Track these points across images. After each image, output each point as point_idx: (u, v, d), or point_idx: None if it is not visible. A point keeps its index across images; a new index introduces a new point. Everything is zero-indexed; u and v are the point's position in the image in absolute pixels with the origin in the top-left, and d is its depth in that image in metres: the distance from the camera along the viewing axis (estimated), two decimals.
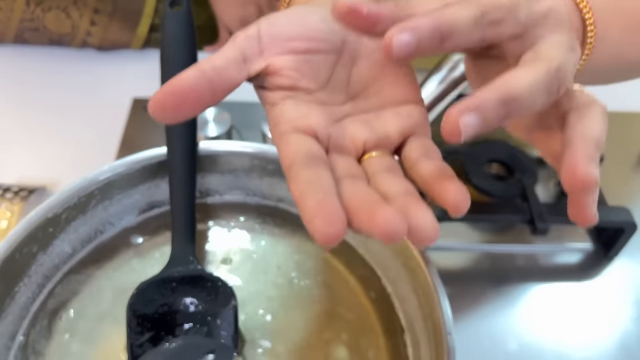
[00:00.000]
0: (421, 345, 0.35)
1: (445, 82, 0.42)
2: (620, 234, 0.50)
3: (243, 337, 0.36)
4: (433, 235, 0.22)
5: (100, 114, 0.61)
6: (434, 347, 0.33)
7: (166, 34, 0.38)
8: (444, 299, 0.33)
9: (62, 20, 0.63)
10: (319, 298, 0.39)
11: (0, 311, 0.34)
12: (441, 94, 0.42)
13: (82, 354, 0.35)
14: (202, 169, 0.40)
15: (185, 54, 0.39)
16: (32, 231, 0.35)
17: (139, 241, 0.40)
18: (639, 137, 0.63)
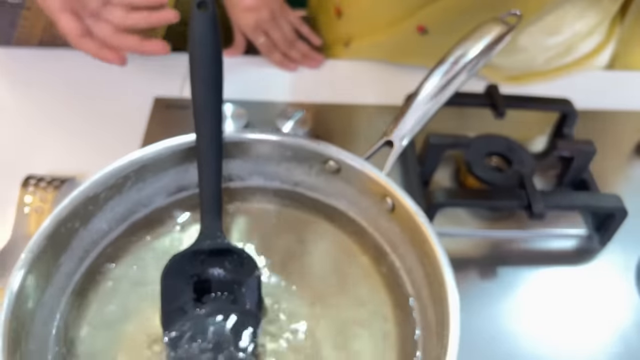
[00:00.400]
0: (427, 310, 0.39)
1: (447, 75, 0.45)
2: (611, 220, 0.54)
3: (265, 305, 0.40)
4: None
5: (123, 112, 0.65)
6: (439, 309, 0.37)
7: (193, 34, 0.42)
8: (447, 264, 0.36)
9: None
10: (334, 273, 0.43)
11: (47, 280, 0.38)
12: (443, 88, 0.46)
13: (119, 319, 0.39)
14: (225, 155, 0.44)
15: (211, 52, 0.42)
16: (75, 208, 0.39)
17: (170, 220, 0.44)
18: (631, 133, 0.66)
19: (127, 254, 0.42)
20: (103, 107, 0.65)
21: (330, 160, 0.44)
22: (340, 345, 0.39)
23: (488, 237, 0.56)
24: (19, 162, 0.57)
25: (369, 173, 0.42)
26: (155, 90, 0.67)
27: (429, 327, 0.38)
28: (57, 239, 0.38)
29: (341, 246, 0.45)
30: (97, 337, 0.38)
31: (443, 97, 0.46)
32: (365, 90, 0.70)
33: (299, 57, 0.73)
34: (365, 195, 0.43)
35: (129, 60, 0.71)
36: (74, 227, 0.39)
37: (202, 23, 0.42)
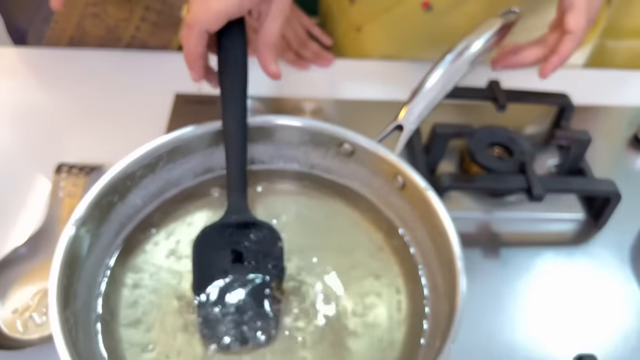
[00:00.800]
0: (436, 277, 0.42)
1: (452, 66, 0.49)
2: (607, 204, 0.57)
3: (287, 274, 0.44)
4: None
5: (147, 107, 0.69)
6: (447, 274, 0.40)
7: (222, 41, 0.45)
8: (454, 233, 0.40)
9: (121, 6, 0.72)
10: (350, 247, 0.47)
11: (90, 249, 0.41)
12: (448, 77, 0.50)
13: (153, 288, 0.43)
14: (249, 140, 0.48)
15: (239, 56, 0.46)
16: (115, 183, 0.42)
17: (198, 198, 0.48)
18: (625, 127, 0.70)
19: (159, 228, 0.46)
20: (128, 103, 0.69)
21: (345, 143, 0.47)
22: (359, 313, 0.43)
23: (490, 221, 0.59)
24: (51, 151, 0.61)
25: (381, 154, 0.46)
26: (176, 87, 0.71)
27: (437, 290, 0.42)
28: (99, 210, 0.42)
29: (356, 223, 0.48)
30: (133, 304, 0.42)
31: (448, 86, 0.50)
32: (373, 86, 0.73)
33: (311, 56, 0.77)
34: (378, 175, 0.47)
35: (151, 60, 0.76)
36: (112, 201, 0.43)
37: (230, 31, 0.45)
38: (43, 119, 0.67)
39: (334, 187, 0.49)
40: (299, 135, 0.48)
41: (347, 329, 0.41)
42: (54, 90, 0.71)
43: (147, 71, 0.74)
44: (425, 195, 0.43)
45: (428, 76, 0.49)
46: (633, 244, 0.58)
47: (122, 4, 0.73)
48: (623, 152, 0.67)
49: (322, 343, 0.41)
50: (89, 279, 0.41)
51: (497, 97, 0.63)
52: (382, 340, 0.41)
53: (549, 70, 0.54)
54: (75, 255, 0.39)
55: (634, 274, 0.56)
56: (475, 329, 0.50)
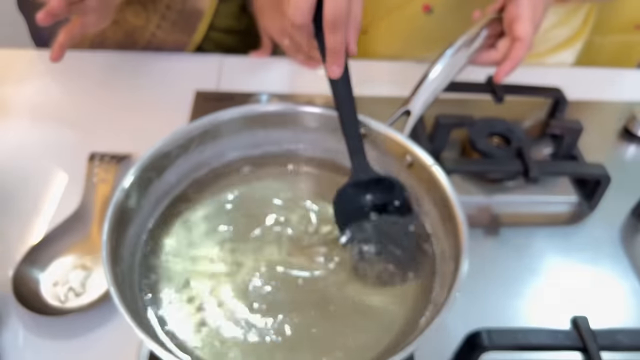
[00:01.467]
0: (442, 243, 0.47)
1: (454, 57, 0.55)
2: (597, 186, 0.62)
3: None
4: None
5: (169, 104, 0.74)
6: (452, 239, 0.45)
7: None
8: (457, 201, 0.45)
9: (139, 13, 0.77)
10: None
11: (131, 219, 0.46)
12: (451, 67, 0.55)
13: (187, 252, 0.47)
14: (275, 125, 0.53)
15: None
16: (153, 160, 0.47)
17: (227, 177, 0.53)
18: (614, 120, 0.75)
19: (192, 202, 0.51)
20: (151, 100, 0.75)
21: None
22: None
23: (490, 204, 0.64)
24: (84, 143, 0.66)
25: (392, 135, 0.51)
26: (196, 85, 0.76)
27: (444, 255, 0.47)
28: (138, 187, 0.46)
29: None
30: (170, 265, 0.47)
31: (451, 75, 0.55)
32: (378, 84, 0.79)
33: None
34: (388, 155, 0.52)
35: (173, 60, 0.81)
36: (151, 177, 0.48)
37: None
38: (75, 115, 0.72)
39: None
40: (317, 120, 0.53)
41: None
42: (83, 89, 0.76)
43: (168, 71, 0.79)
44: (432, 171, 0.48)
45: (431, 68, 0.54)
46: (623, 225, 0.63)
47: (140, 12, 0.78)
48: (613, 143, 0.73)
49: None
50: (132, 244, 0.45)
51: (495, 91, 0.68)
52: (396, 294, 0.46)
53: (503, 74, 0.59)
54: (121, 221, 0.43)
55: (624, 251, 0.60)
56: (478, 299, 0.55)
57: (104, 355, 0.50)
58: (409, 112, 0.52)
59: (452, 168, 0.60)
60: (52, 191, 0.62)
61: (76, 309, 0.52)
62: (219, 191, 0.52)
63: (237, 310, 0.44)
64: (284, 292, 0.45)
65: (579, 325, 0.47)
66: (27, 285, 0.53)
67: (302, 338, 0.43)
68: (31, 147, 0.68)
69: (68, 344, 0.51)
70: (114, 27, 0.79)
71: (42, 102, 0.74)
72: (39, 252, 0.55)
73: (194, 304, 0.44)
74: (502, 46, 0.58)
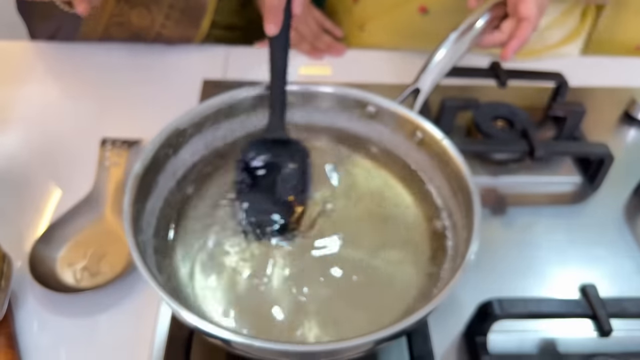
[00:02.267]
0: (455, 215, 0.48)
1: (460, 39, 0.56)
2: (601, 165, 0.63)
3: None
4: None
5: (178, 92, 0.75)
6: (464, 209, 0.46)
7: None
8: (468, 173, 0.46)
9: (143, 15, 0.78)
10: (375, 194, 0.53)
11: (149, 192, 0.47)
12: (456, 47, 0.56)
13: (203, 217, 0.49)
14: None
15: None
16: (170, 137, 0.48)
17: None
18: (615, 105, 0.77)
19: (205, 177, 0.52)
20: (161, 89, 0.76)
21: (369, 105, 0.54)
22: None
23: (496, 184, 0.65)
24: (96, 130, 0.67)
25: (402, 112, 0.52)
26: (203, 75, 0.77)
27: (456, 227, 0.48)
28: (156, 162, 0.47)
29: (379, 175, 0.54)
30: (186, 228, 0.48)
31: (456, 56, 0.56)
32: (380, 72, 0.80)
33: (325, 47, 0.83)
34: (398, 132, 0.53)
35: (180, 52, 0.83)
36: (168, 153, 0.49)
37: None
38: (87, 105, 0.73)
39: (359, 146, 0.55)
40: (329, 100, 0.54)
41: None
42: (93, 81, 0.77)
43: (175, 62, 0.80)
44: (442, 145, 0.49)
45: (436, 50, 0.56)
46: (626, 204, 0.64)
47: (144, 14, 0.79)
48: (614, 127, 0.74)
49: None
50: (149, 217, 0.46)
51: (498, 76, 0.70)
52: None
53: (511, 52, 0.60)
54: (140, 192, 0.44)
55: (629, 229, 0.62)
56: (487, 276, 0.56)
57: (119, 333, 0.51)
58: (418, 91, 0.53)
59: (460, 148, 0.60)
60: (65, 176, 0.63)
61: (91, 287, 0.53)
62: (230, 168, 0.53)
63: (256, 279, 0.45)
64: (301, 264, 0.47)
65: (588, 293, 0.48)
66: (44, 265, 0.54)
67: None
68: (45, 135, 0.68)
69: (83, 322, 0.51)
70: (120, 28, 0.80)
71: (54, 92, 0.75)
72: (54, 233, 0.56)
73: (213, 275, 0.45)
74: (507, 27, 0.59)
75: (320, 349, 0.38)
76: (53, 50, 0.81)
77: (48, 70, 0.79)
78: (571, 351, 0.50)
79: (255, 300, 0.44)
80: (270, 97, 0.51)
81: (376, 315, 0.44)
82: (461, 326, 0.51)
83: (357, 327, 0.43)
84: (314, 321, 0.43)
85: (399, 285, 0.46)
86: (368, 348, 0.40)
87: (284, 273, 0.46)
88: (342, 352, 0.39)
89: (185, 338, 0.46)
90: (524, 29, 0.58)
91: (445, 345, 0.50)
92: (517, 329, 0.52)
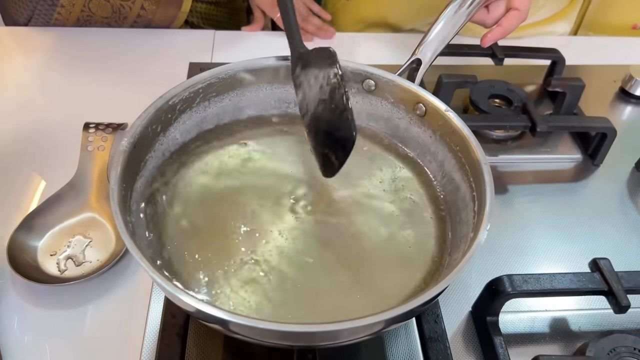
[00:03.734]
0: (460, 189, 0.46)
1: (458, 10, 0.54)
2: (603, 140, 0.62)
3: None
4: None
5: (164, 74, 0.72)
6: (474, 179, 0.44)
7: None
8: (475, 141, 0.44)
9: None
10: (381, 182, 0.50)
11: (137, 171, 0.44)
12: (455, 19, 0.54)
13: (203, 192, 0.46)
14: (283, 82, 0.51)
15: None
16: (158, 113, 0.45)
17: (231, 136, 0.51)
18: (612, 82, 0.76)
19: (195, 158, 0.49)
20: (146, 73, 0.73)
21: (367, 79, 0.51)
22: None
23: (496, 163, 0.63)
24: (78, 115, 0.63)
25: (403, 84, 0.49)
26: (190, 57, 0.74)
27: (464, 200, 0.45)
28: (145, 138, 0.44)
29: (379, 155, 0.52)
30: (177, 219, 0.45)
31: (455, 28, 0.54)
32: (371, 55, 0.78)
33: (314, 30, 0.81)
34: (399, 107, 0.51)
35: (166, 35, 0.79)
36: (156, 130, 0.45)
37: None
38: (69, 90, 0.70)
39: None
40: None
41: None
42: (76, 65, 0.74)
43: (161, 46, 0.77)
44: (447, 116, 0.47)
45: (440, 16, 0.53)
46: (628, 179, 0.63)
47: None
48: (611, 103, 0.73)
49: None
50: (139, 197, 0.43)
51: (495, 52, 0.68)
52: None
53: (491, 40, 0.59)
54: (128, 171, 0.41)
55: (632, 204, 0.60)
56: (493, 255, 0.54)
57: (108, 325, 0.47)
58: (418, 63, 0.51)
59: None
60: (48, 163, 0.60)
61: (75, 278, 0.49)
62: (224, 146, 0.50)
63: (255, 257, 0.42)
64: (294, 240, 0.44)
65: (602, 268, 0.46)
66: (24, 255, 0.50)
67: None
68: (27, 122, 0.65)
69: (69, 315, 0.48)
70: (100, 1, 0.76)
71: (34, 78, 0.71)
72: (35, 221, 0.52)
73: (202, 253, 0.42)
74: (494, 9, 0.58)
75: (327, 329, 0.35)
76: (31, 34, 0.77)
77: (26, 55, 0.75)
78: (585, 329, 0.48)
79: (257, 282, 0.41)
80: (285, 26, 0.48)
81: (383, 298, 0.41)
82: (468, 308, 0.49)
83: (363, 310, 0.41)
84: (317, 303, 0.41)
85: (407, 268, 0.44)
86: (378, 329, 0.37)
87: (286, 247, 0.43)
88: (350, 334, 0.37)
89: (181, 325, 0.43)
90: (512, 19, 0.56)
91: (451, 329, 0.48)
92: (527, 308, 0.50)
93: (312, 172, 0.48)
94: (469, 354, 0.47)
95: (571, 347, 0.47)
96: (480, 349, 0.47)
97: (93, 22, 0.78)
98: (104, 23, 0.78)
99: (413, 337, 0.46)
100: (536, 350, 0.47)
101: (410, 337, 0.46)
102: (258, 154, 0.50)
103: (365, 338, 0.39)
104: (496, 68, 0.69)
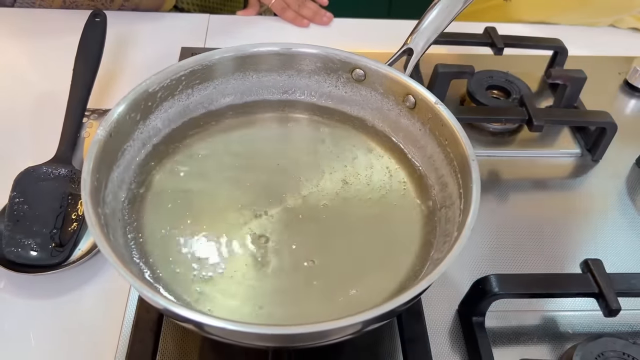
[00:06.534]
0: (449, 186, 0.44)
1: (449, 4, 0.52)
2: (603, 135, 0.60)
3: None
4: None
5: (156, 59, 0.70)
6: (461, 177, 0.42)
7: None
8: (465, 137, 0.42)
9: None
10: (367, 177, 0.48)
11: (115, 162, 0.43)
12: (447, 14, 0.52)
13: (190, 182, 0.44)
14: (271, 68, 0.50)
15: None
16: (138, 100, 0.44)
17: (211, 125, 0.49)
18: (616, 74, 0.73)
19: (180, 148, 0.47)
20: (137, 58, 0.71)
21: (356, 69, 0.49)
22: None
23: (492, 158, 0.61)
24: (64, 99, 0.62)
25: (393, 75, 0.48)
26: (183, 42, 0.72)
27: (451, 197, 0.44)
28: (123, 127, 0.43)
29: (366, 146, 0.50)
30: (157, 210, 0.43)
31: (451, 16, 0.52)
32: (366, 41, 0.76)
33: (311, 15, 0.79)
34: (388, 97, 0.49)
35: (158, 19, 0.78)
36: (135, 119, 0.44)
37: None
38: (59, 75, 0.68)
39: (345, 118, 0.51)
40: (312, 62, 0.50)
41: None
42: (65, 49, 0.72)
43: (153, 30, 0.76)
44: (436, 109, 0.45)
45: (431, 7, 0.51)
46: (628, 175, 0.61)
47: None
48: (614, 96, 0.70)
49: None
50: (115, 188, 0.42)
51: (494, 42, 0.66)
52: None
53: None
54: (103, 161, 0.40)
55: (631, 201, 0.58)
56: (484, 252, 0.53)
57: (87, 315, 0.46)
58: (410, 52, 0.49)
59: (455, 117, 0.57)
60: (34, 148, 0.58)
61: (56, 266, 0.48)
62: (207, 137, 0.48)
63: (234, 250, 0.41)
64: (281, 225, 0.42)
65: (593, 269, 0.44)
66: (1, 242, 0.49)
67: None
68: (12, 108, 0.64)
69: (46, 305, 0.47)
70: None
71: (20, 62, 0.70)
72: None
73: (184, 248, 0.41)
74: None
75: (303, 331, 0.34)
76: (18, 15, 0.76)
77: (12, 37, 0.73)
78: (575, 331, 0.47)
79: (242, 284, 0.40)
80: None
81: (364, 296, 0.40)
82: (454, 307, 0.48)
83: (345, 308, 0.39)
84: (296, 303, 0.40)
85: (389, 264, 0.42)
86: (356, 330, 0.36)
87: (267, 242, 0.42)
88: (327, 335, 0.36)
89: (154, 321, 0.42)
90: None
91: (436, 329, 0.47)
92: (516, 307, 0.48)
93: (298, 164, 0.47)
94: (455, 353, 0.46)
95: (559, 349, 0.46)
96: (465, 349, 0.45)
97: (79, 4, 0.77)
98: (90, 6, 0.76)
99: (396, 336, 0.45)
100: (523, 351, 0.45)
101: (393, 336, 0.45)
102: (245, 143, 0.49)
103: (345, 338, 0.37)
104: (496, 58, 0.67)
